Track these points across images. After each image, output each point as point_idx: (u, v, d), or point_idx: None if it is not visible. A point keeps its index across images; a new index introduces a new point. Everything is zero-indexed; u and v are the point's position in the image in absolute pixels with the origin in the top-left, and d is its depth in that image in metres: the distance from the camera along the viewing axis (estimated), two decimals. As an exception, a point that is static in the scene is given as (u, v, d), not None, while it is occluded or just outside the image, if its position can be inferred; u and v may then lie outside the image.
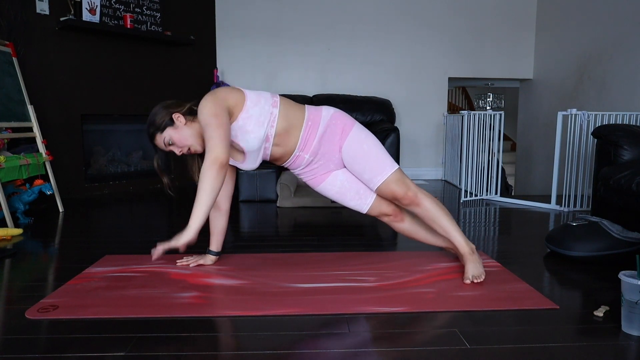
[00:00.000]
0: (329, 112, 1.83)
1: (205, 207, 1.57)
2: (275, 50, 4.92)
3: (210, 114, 1.61)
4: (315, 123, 1.79)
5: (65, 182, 3.63)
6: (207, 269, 1.91)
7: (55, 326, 1.40)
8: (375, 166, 1.81)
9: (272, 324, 1.43)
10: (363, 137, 1.83)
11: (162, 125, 1.74)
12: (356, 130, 1.83)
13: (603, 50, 4.00)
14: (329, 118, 1.81)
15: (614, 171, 2.41)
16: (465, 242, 1.82)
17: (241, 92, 1.73)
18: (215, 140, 1.58)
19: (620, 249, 1.99)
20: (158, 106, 1.78)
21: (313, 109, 1.84)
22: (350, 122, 1.84)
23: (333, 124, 1.81)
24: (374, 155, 1.81)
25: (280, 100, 1.78)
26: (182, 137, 1.75)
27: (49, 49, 3.53)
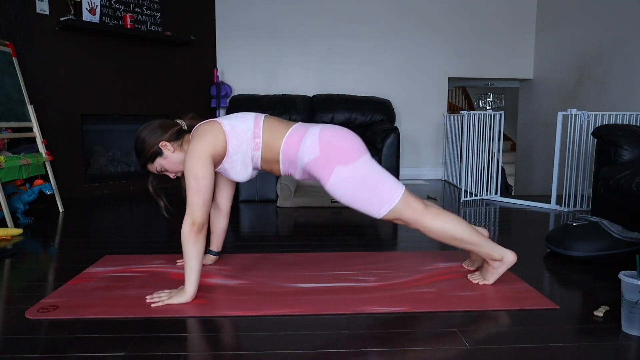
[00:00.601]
0: (308, 156, 1.63)
1: (196, 272, 1.57)
2: (275, 50, 4.92)
3: (192, 175, 1.55)
4: (292, 164, 1.69)
5: (65, 182, 3.63)
6: (207, 269, 1.91)
7: (55, 326, 1.40)
8: (364, 209, 1.65)
9: (272, 324, 1.43)
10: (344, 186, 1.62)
11: (151, 156, 1.68)
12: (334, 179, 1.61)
13: (603, 50, 4.00)
14: (306, 163, 1.64)
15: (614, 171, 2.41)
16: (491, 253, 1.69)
17: (222, 136, 1.62)
18: (193, 206, 1.55)
19: (620, 249, 1.99)
20: (143, 132, 1.68)
21: (292, 145, 1.65)
22: (327, 170, 1.61)
23: (310, 167, 1.65)
24: (358, 201, 1.64)
25: (263, 140, 1.66)
26: (173, 164, 1.70)
27: (49, 49, 3.53)
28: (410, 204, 1.64)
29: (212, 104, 4.71)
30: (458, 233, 1.65)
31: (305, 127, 1.69)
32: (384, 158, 3.98)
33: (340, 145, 1.62)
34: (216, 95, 4.69)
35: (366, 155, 1.65)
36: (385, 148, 3.98)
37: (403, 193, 1.64)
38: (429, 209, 1.66)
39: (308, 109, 4.61)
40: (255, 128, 1.66)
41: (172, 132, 1.68)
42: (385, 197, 1.62)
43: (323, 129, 1.66)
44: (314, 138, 1.63)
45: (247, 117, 1.69)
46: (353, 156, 1.62)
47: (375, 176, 1.62)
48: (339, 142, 1.63)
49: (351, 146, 1.63)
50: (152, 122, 1.70)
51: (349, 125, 4.59)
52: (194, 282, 1.57)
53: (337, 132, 1.66)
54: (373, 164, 1.65)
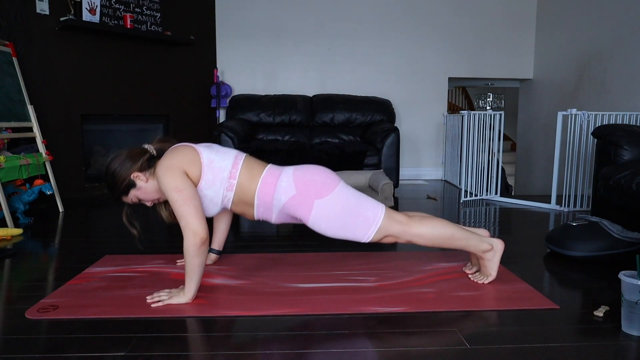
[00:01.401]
0: (286, 195, 1.63)
1: (197, 280, 1.56)
2: (275, 50, 4.92)
3: (172, 189, 1.52)
4: (267, 208, 1.68)
5: (65, 182, 3.63)
6: (207, 269, 1.91)
7: (55, 326, 1.40)
8: (351, 237, 1.66)
9: (272, 324, 1.43)
10: (326, 219, 1.63)
11: (124, 189, 1.64)
12: (315, 214, 1.63)
13: (603, 50, 4.00)
14: (284, 203, 1.64)
15: (614, 171, 2.41)
16: (479, 245, 1.73)
17: (199, 166, 1.60)
18: (187, 218, 1.51)
19: (620, 249, 1.99)
20: (112, 165, 1.62)
21: (268, 186, 1.64)
22: (307, 206, 1.62)
23: (289, 207, 1.65)
24: (344, 231, 1.65)
25: (238, 182, 1.63)
26: (148, 194, 1.67)
27: (49, 49, 3.53)
28: (394, 218, 1.67)
29: (212, 104, 4.71)
30: (447, 232, 1.68)
31: (279, 169, 1.70)
32: (384, 158, 3.98)
33: (314, 179, 1.64)
34: (216, 95, 4.69)
35: (340, 183, 1.67)
36: (385, 148, 3.98)
37: (385, 209, 1.67)
38: (413, 217, 1.70)
39: (308, 109, 4.61)
40: (233, 168, 1.64)
41: (143, 161, 1.63)
42: (370, 218, 1.64)
43: (295, 169, 1.69)
44: (289, 178, 1.65)
45: (228, 155, 1.66)
46: (329, 188, 1.63)
47: (354, 201, 1.65)
48: (312, 177, 1.65)
49: (324, 179, 1.65)
50: (119, 153, 1.65)
51: (348, 125, 4.59)
52: (195, 287, 1.57)
53: (308, 169, 1.68)
54: (349, 190, 1.67)
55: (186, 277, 1.56)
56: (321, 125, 4.62)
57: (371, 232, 1.64)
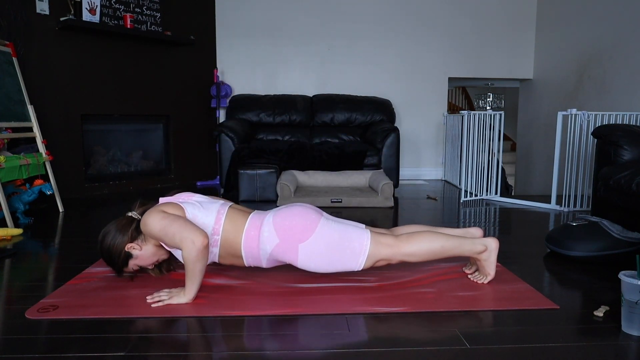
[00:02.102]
0: (270, 245, 1.66)
1: (198, 284, 1.57)
2: (275, 50, 4.92)
3: (157, 225, 1.55)
4: (256, 259, 1.71)
5: (65, 182, 3.63)
6: (207, 269, 1.91)
7: (55, 326, 1.40)
8: (343, 269, 1.70)
9: (272, 324, 1.43)
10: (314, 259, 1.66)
11: (123, 262, 1.68)
12: (303, 258, 1.66)
13: (603, 50, 4.00)
14: (270, 252, 1.68)
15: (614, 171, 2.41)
16: (473, 248, 1.73)
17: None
18: (181, 233, 1.52)
19: (620, 249, 1.99)
20: (104, 243, 1.66)
21: (251, 240, 1.67)
22: (292, 252, 1.66)
23: (276, 254, 1.69)
24: (334, 266, 1.68)
25: (222, 237, 1.66)
26: (146, 259, 1.70)
27: (49, 49, 3.53)
28: (382, 242, 1.68)
29: (212, 104, 4.71)
30: (436, 246, 1.69)
31: (260, 216, 1.72)
32: (384, 158, 3.98)
33: (293, 224, 1.66)
34: (216, 95, 4.69)
35: (321, 221, 1.68)
36: (385, 148, 3.98)
37: (370, 235, 1.68)
38: (399, 237, 1.70)
39: (308, 109, 4.61)
40: (216, 224, 1.66)
41: (132, 230, 1.66)
42: (357, 248, 1.67)
43: (275, 215, 1.70)
44: (270, 227, 1.67)
45: (211, 210, 1.68)
46: (309, 229, 1.65)
47: (337, 236, 1.66)
48: (292, 222, 1.66)
49: (304, 221, 1.67)
50: (108, 230, 1.67)
51: (348, 125, 4.59)
52: (195, 288, 1.57)
53: (288, 213, 1.69)
54: (331, 226, 1.68)
55: (187, 280, 1.56)
56: (321, 125, 4.62)
57: (361, 261, 1.67)
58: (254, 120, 4.50)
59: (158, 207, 1.63)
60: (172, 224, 1.55)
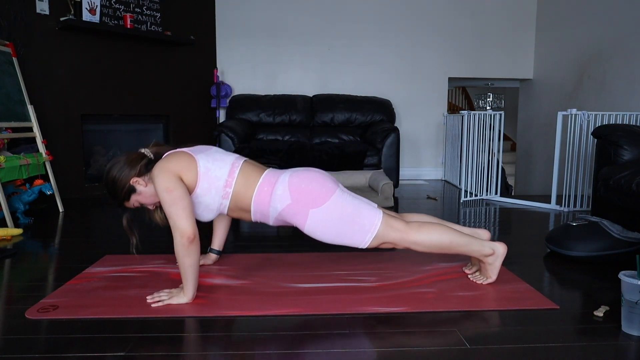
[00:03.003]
0: (281, 204, 1.63)
1: (194, 281, 1.57)
2: (275, 50, 4.92)
3: (163, 190, 1.53)
4: (264, 216, 1.69)
5: (65, 182, 3.63)
6: (207, 269, 1.91)
7: (55, 326, 1.40)
8: (348, 243, 1.67)
9: (272, 324, 1.43)
10: (322, 227, 1.63)
11: (125, 195, 1.65)
12: (311, 224, 1.63)
13: (603, 50, 4.00)
14: (280, 211, 1.65)
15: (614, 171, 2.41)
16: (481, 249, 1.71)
17: (195, 173, 1.61)
18: (174, 218, 1.52)
19: (620, 249, 1.99)
20: (111, 172, 1.63)
21: (263, 195, 1.64)
22: (302, 215, 1.63)
23: (284, 215, 1.66)
24: (340, 238, 1.65)
25: (234, 190, 1.64)
26: (148, 198, 1.67)
27: (49, 49, 3.53)
28: (392, 225, 1.65)
29: (212, 104, 4.71)
30: (445, 240, 1.67)
31: (276, 175, 1.68)
32: (384, 158, 3.98)
33: (309, 188, 1.63)
34: (216, 95, 4.69)
35: (336, 191, 1.65)
36: (385, 148, 3.98)
37: (382, 216, 1.66)
38: (410, 224, 1.67)
39: (308, 109, 4.61)
40: (229, 177, 1.64)
41: (141, 166, 1.64)
42: (366, 226, 1.64)
43: (292, 175, 1.66)
44: (284, 186, 1.64)
45: (225, 162, 1.66)
46: (324, 196, 1.62)
47: (350, 209, 1.63)
48: (308, 186, 1.63)
49: (320, 187, 1.63)
50: (117, 160, 1.66)
51: (348, 125, 4.59)
52: (193, 286, 1.57)
53: (305, 176, 1.66)
54: (346, 198, 1.65)
55: (182, 278, 1.57)
56: (321, 125, 4.62)
57: (367, 239, 1.65)
58: (254, 120, 4.50)
59: (170, 164, 1.59)
60: (171, 204, 1.52)
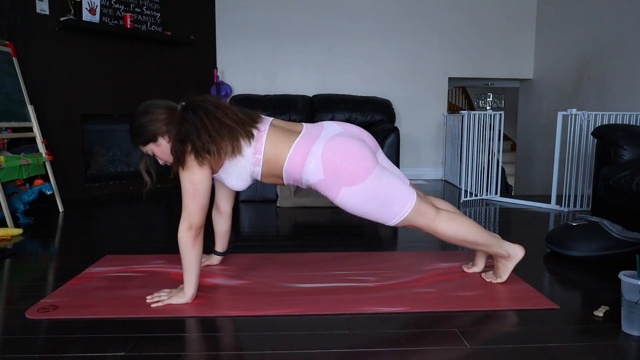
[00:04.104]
0: (313, 178, 1.59)
1: (195, 275, 1.56)
2: (275, 50, 4.92)
3: (187, 178, 1.52)
4: (297, 182, 1.65)
5: (65, 182, 3.63)
6: (207, 269, 1.91)
7: (55, 326, 1.40)
8: (375, 220, 1.66)
9: (272, 324, 1.43)
10: (352, 204, 1.60)
11: (145, 141, 1.62)
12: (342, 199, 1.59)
13: (603, 50, 4.00)
14: (312, 184, 1.62)
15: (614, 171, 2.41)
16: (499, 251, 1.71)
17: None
18: (189, 211, 1.52)
19: (620, 249, 1.99)
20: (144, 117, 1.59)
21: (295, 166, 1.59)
22: (334, 191, 1.58)
23: (316, 187, 1.63)
24: (368, 215, 1.64)
25: (264, 157, 1.59)
26: (165, 154, 1.63)
27: (49, 49, 3.53)
28: (422, 211, 1.62)
29: (212, 104, 4.70)
30: (470, 236, 1.67)
31: (308, 143, 1.59)
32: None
33: (344, 166, 1.55)
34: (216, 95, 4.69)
35: (373, 172, 1.56)
36: (385, 148, 3.97)
37: (414, 202, 1.61)
38: (440, 214, 1.65)
39: (308, 109, 4.61)
40: (257, 142, 1.58)
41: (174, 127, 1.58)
42: (396, 209, 1.61)
43: (326, 146, 1.56)
44: (317, 160, 1.56)
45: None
46: (360, 177, 1.55)
47: (383, 191, 1.58)
48: (343, 164, 1.55)
49: (357, 166, 1.55)
50: (155, 107, 1.61)
51: (349, 125, 4.58)
52: (193, 285, 1.57)
53: (342, 150, 1.56)
54: (382, 178, 1.58)
55: (184, 274, 1.56)
56: (321, 125, 4.61)
57: (395, 221, 1.64)
58: (254, 120, 4.49)
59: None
60: (192, 196, 1.52)
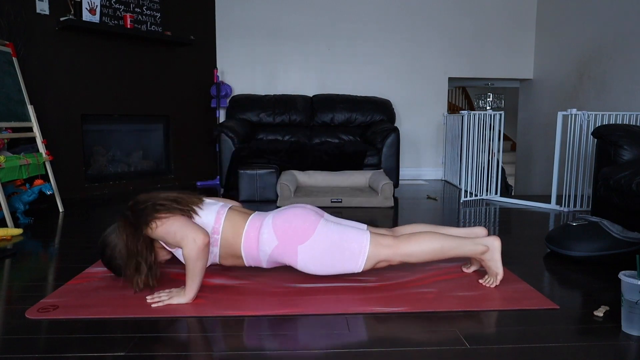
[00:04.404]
0: (269, 247, 1.67)
1: (198, 282, 1.57)
2: (275, 50, 4.92)
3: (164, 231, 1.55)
4: (256, 260, 1.72)
5: (65, 182, 3.63)
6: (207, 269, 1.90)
7: (55, 326, 1.40)
8: (343, 270, 1.69)
9: (272, 324, 1.43)
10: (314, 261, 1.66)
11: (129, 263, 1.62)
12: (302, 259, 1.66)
13: (603, 50, 4.00)
14: (269, 254, 1.69)
15: (614, 171, 2.41)
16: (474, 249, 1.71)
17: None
18: (182, 231, 1.54)
19: (620, 249, 1.99)
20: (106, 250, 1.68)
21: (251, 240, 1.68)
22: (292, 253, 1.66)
23: (275, 256, 1.69)
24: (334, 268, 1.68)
25: (222, 236, 1.67)
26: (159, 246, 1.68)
27: (49, 49, 3.53)
28: (381, 243, 1.67)
29: (212, 104, 4.71)
30: (436, 245, 1.67)
31: (260, 218, 1.72)
32: (384, 158, 3.98)
33: (292, 226, 1.66)
34: (216, 95, 4.69)
35: (320, 222, 1.68)
36: (385, 148, 3.98)
37: (369, 237, 1.68)
38: (399, 238, 1.70)
39: (308, 109, 4.61)
40: (216, 223, 1.67)
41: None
42: (356, 249, 1.66)
43: (275, 217, 1.70)
44: (269, 229, 1.68)
45: (211, 210, 1.70)
46: (308, 231, 1.65)
47: (337, 237, 1.66)
48: (291, 224, 1.66)
49: (303, 222, 1.66)
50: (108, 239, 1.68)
51: (348, 125, 4.59)
52: (195, 289, 1.58)
53: (286, 214, 1.69)
54: (329, 227, 1.67)
55: (187, 279, 1.56)
56: (321, 125, 4.62)
57: (361, 263, 1.67)
58: (254, 120, 4.50)
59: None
60: (173, 223, 1.56)
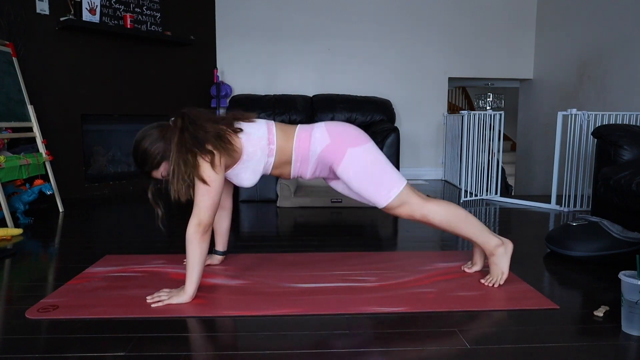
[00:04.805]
0: (320, 145, 1.70)
1: (198, 272, 1.58)
2: (275, 50, 4.92)
3: (201, 177, 1.55)
4: (305, 161, 1.74)
5: (65, 182, 3.63)
6: (207, 269, 1.91)
7: (55, 326, 1.40)
8: (373, 193, 1.71)
9: (272, 324, 1.43)
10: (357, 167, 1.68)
11: (156, 164, 1.64)
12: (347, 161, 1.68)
13: (603, 50, 4.00)
14: (319, 153, 1.71)
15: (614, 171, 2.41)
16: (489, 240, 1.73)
17: (239, 143, 1.64)
18: (201, 207, 1.56)
19: (620, 249, 1.99)
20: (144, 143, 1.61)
21: (303, 141, 1.72)
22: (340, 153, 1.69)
23: (323, 156, 1.71)
24: (369, 184, 1.70)
25: (277, 145, 1.70)
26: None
27: (49, 49, 3.53)
28: (415, 191, 1.74)
29: (212, 104, 4.70)
30: (460, 215, 1.72)
31: (309, 126, 1.78)
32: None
33: (347, 131, 1.73)
34: (216, 95, 4.69)
35: (372, 141, 1.75)
36: (385, 148, 3.97)
37: (406, 183, 1.73)
38: (430, 199, 1.75)
39: (308, 109, 4.61)
40: (269, 134, 1.70)
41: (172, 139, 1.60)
42: (395, 179, 1.70)
43: (327, 123, 1.77)
44: (322, 130, 1.73)
45: (259, 124, 1.72)
46: (362, 140, 1.72)
47: (383, 160, 1.72)
48: (345, 129, 1.74)
49: (357, 132, 1.75)
50: (150, 131, 1.62)
51: (349, 125, 4.58)
52: (195, 282, 1.57)
53: (340, 123, 1.78)
54: (380, 151, 1.75)
55: (187, 271, 1.57)
56: (321, 125, 4.61)
57: (392, 194, 1.69)
58: (254, 120, 4.50)
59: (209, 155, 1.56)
60: (204, 194, 1.56)
